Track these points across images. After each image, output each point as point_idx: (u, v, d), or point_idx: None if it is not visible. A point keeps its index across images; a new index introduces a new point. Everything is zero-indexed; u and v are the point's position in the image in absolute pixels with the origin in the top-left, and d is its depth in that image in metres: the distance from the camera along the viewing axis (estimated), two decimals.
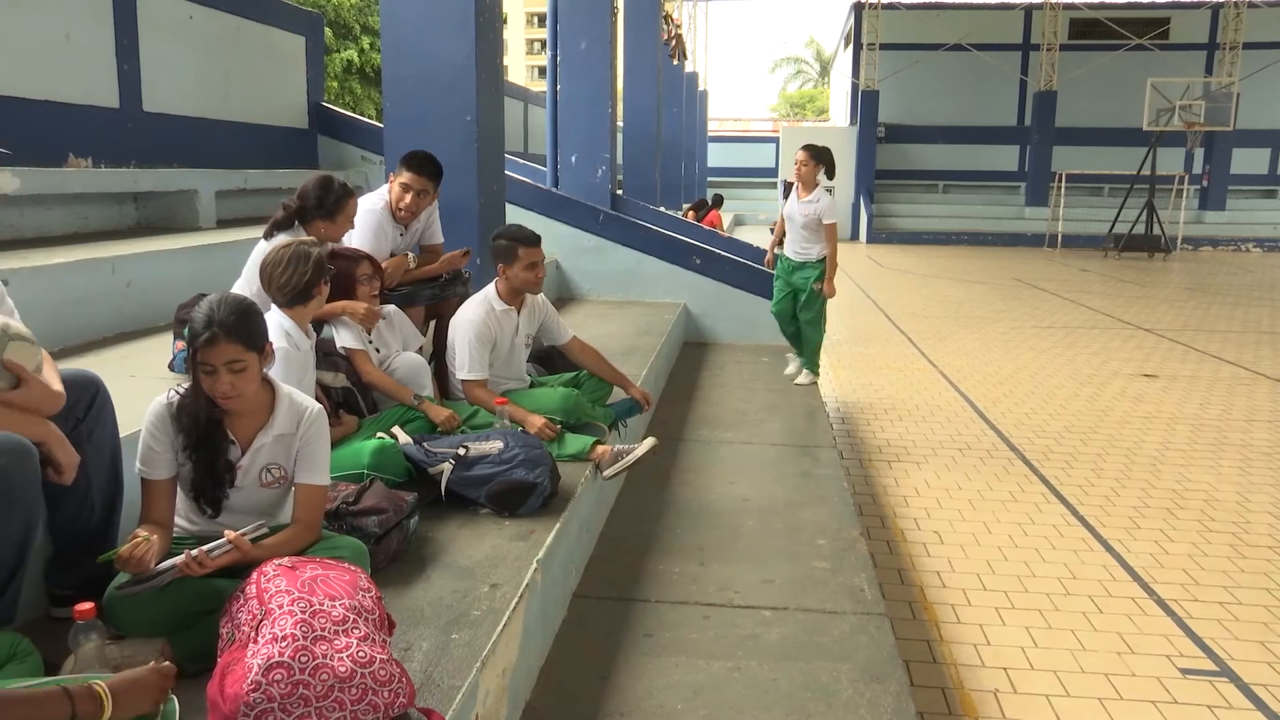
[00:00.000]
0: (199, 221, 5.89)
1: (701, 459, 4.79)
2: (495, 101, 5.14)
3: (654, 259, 7.92)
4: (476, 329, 3.77)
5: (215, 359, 2.18)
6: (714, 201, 15.34)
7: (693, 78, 22.96)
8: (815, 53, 55.72)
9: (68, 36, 5.43)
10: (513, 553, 2.80)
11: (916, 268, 18.70)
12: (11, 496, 1.94)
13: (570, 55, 9.74)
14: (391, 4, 4.82)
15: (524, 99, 15.53)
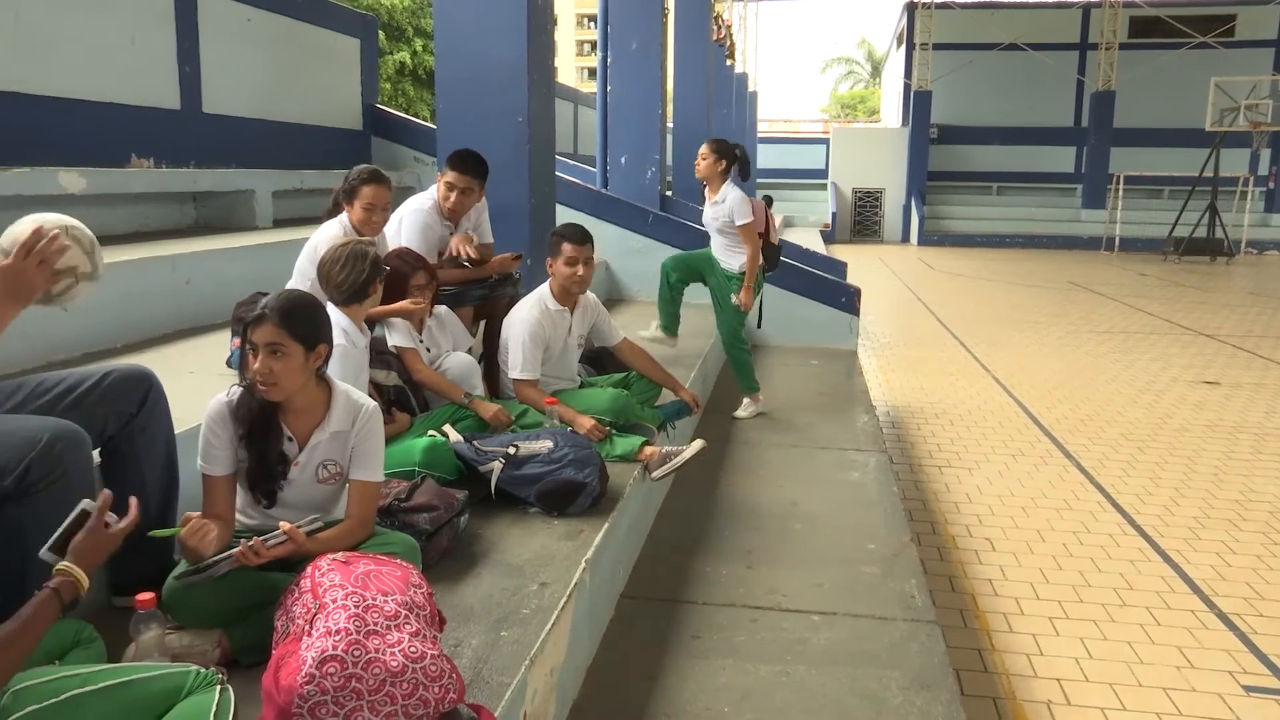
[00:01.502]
0: (256, 221, 6.00)
1: (750, 461, 4.76)
2: (546, 103, 5.16)
3: None
4: (530, 328, 3.79)
5: (258, 338, 2.23)
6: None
7: (742, 78, 22.87)
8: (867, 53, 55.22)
9: (132, 40, 5.57)
10: (561, 552, 2.81)
11: (969, 270, 18.45)
12: (67, 481, 2.00)
13: (621, 56, 9.75)
14: (445, 6, 4.87)
15: (574, 100, 15.59)
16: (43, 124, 4.93)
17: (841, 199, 27.24)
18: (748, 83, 24.01)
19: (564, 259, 3.83)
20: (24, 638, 1.52)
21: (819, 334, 7.67)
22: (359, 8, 19.68)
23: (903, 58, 27.80)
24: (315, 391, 2.38)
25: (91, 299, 2.26)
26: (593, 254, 3.90)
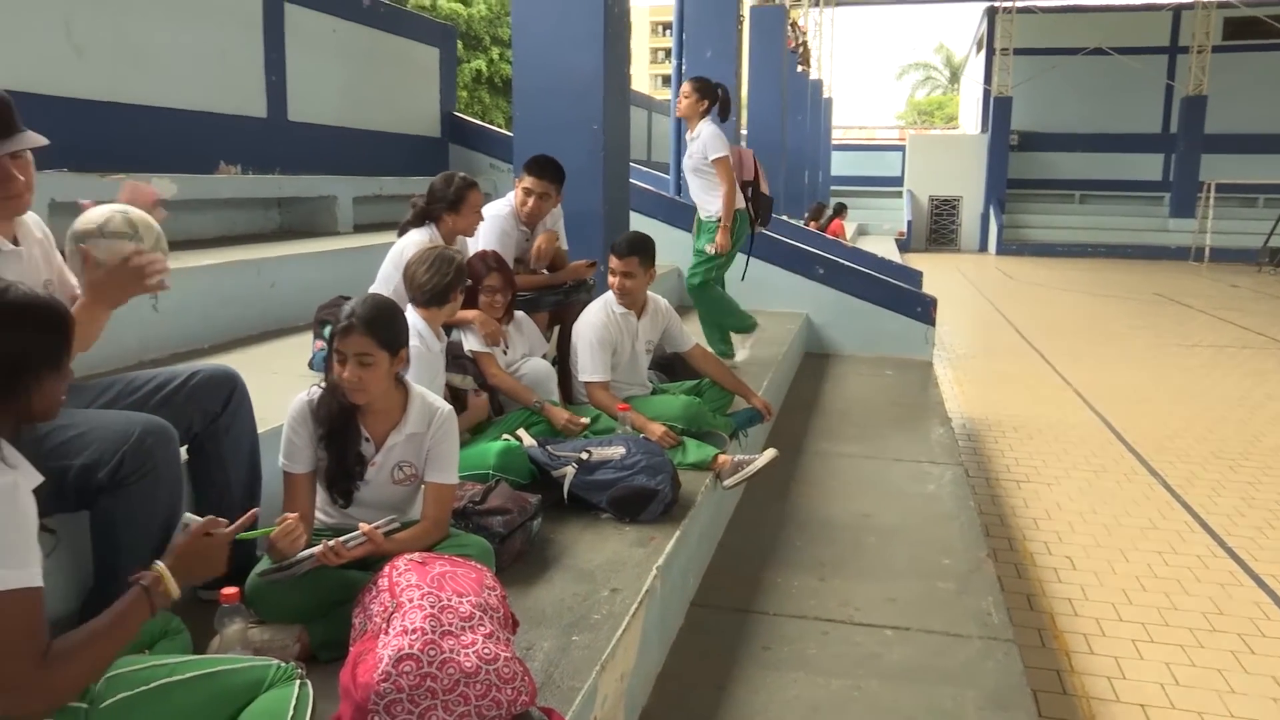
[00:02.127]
0: (337, 226, 6.14)
1: (822, 472, 4.71)
2: (621, 110, 5.19)
3: (776, 268, 7.84)
4: (597, 331, 3.82)
5: (347, 348, 2.28)
6: (836, 210, 15.13)
7: (817, 85, 22.68)
8: (945, 59, 54.35)
9: (222, 52, 5.75)
10: (633, 558, 2.81)
11: (1049, 280, 17.99)
12: (157, 475, 2.07)
13: (695, 64, 9.73)
14: (523, 16, 4.93)
15: (648, 107, 15.64)
16: (138, 132, 5.12)
17: (917, 207, 26.82)
18: (822, 89, 23.80)
19: (610, 271, 3.90)
20: (116, 631, 1.56)
21: (893, 344, 7.55)
22: (438, 17, 20.06)
23: (982, 63, 27.27)
24: (393, 394, 2.42)
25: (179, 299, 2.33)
26: (640, 266, 3.91)
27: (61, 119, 4.58)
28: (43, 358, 1.54)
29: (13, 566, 1.42)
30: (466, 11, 25.35)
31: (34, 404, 1.54)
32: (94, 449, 1.99)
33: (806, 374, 6.94)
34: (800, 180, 17.60)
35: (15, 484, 1.45)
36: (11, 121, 1.98)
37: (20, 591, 1.42)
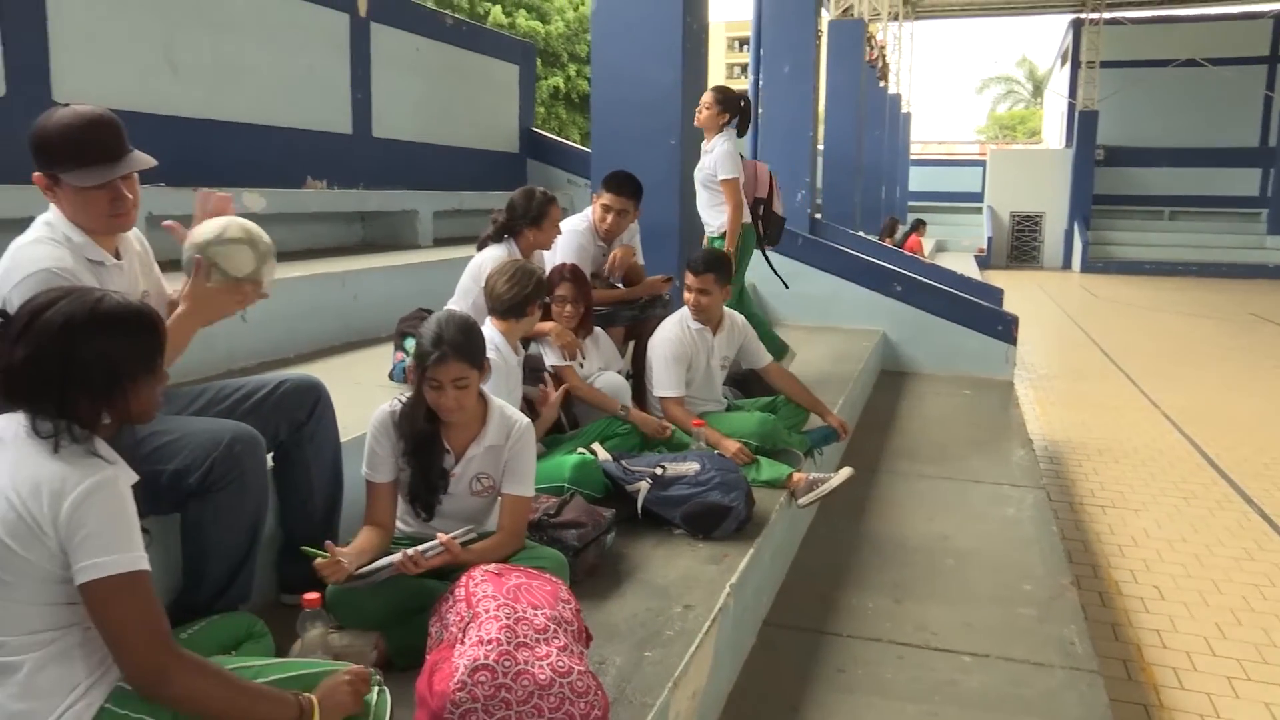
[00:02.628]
0: (418, 240, 6.26)
1: (898, 492, 4.63)
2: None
3: (853, 284, 7.76)
4: (672, 347, 3.82)
5: (443, 376, 2.31)
6: (914, 226, 14.91)
7: (895, 100, 22.43)
8: (1028, 72, 53.21)
9: (311, 70, 5.92)
10: (706, 575, 2.79)
11: (1136, 299, 17.44)
12: (244, 481, 2.13)
13: (773, 79, 9.73)
14: (602, 32, 4.98)
15: None
16: (232, 148, 5.30)
17: (998, 223, 26.25)
18: (901, 104, 23.52)
19: (686, 287, 3.90)
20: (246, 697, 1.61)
21: (973, 363, 7.40)
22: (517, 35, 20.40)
23: (1067, 76, 26.62)
24: (474, 407, 2.45)
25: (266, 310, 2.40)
26: (716, 283, 3.89)
27: (159, 135, 4.76)
28: (138, 363, 1.61)
29: (124, 550, 1.50)
30: (545, 29, 25.72)
31: (131, 407, 1.62)
32: (186, 455, 2.06)
33: (883, 392, 6.84)
34: (877, 195, 17.41)
35: (115, 477, 1.53)
36: (122, 143, 2.07)
37: (136, 574, 1.50)
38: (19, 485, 1.49)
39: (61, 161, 2.00)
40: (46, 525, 1.48)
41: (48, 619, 1.52)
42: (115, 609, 1.50)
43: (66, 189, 2.02)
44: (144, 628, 1.52)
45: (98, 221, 2.07)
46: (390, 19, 6.62)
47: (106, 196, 2.04)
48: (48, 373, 1.54)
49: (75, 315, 1.55)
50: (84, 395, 1.55)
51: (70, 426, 1.54)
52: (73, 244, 2.03)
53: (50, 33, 4.19)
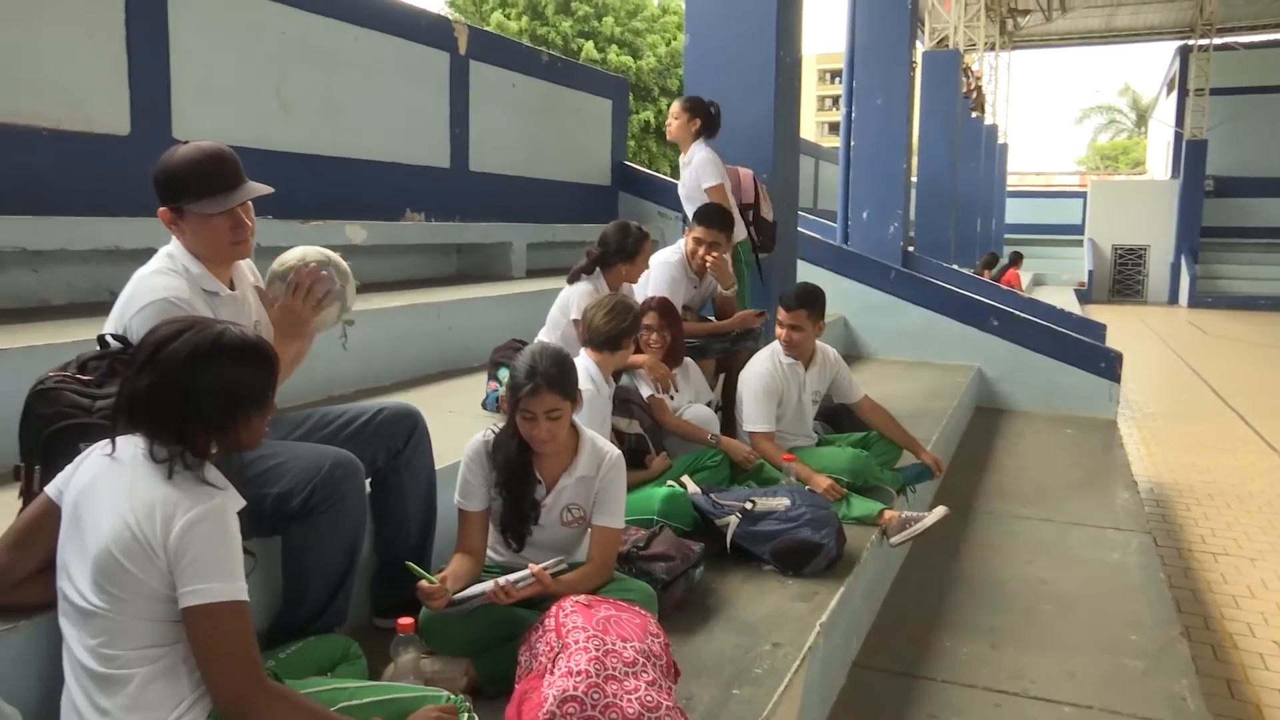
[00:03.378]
0: (511, 271, 6.38)
1: (994, 534, 4.49)
2: (791, 159, 5.19)
3: (947, 318, 7.60)
4: (763, 381, 3.80)
5: (537, 407, 2.34)
6: (1012, 260, 14.56)
7: (991, 130, 22.04)
8: (1131, 101, 51.66)
9: (412, 106, 6.12)
10: (795, 613, 2.75)
11: (1250, 335, 16.65)
12: (343, 506, 2.18)
13: (865, 111, 9.67)
14: (696, 66, 5.03)
15: (815, 155, 15.57)
16: (336, 182, 5.50)
17: (1099, 256, 25.43)
18: (997, 135, 23.10)
19: (778, 322, 3.88)
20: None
21: (1074, 401, 7.16)
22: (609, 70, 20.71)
23: (1173, 105, 25.75)
24: (566, 438, 2.47)
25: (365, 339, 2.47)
26: (809, 319, 3.86)
27: (269, 170, 4.89)
28: (253, 393, 1.68)
29: (228, 579, 1.55)
30: (636, 64, 26.07)
31: (242, 434, 1.69)
32: (289, 479, 2.12)
33: (978, 429, 6.67)
34: (972, 228, 17.10)
35: (224, 506, 1.59)
36: (240, 174, 2.18)
37: (235, 604, 1.56)
38: (135, 507, 1.56)
39: (186, 192, 2.11)
40: (158, 547, 1.54)
41: (157, 635, 1.59)
42: (211, 635, 1.55)
43: (190, 219, 2.13)
44: (236, 657, 1.57)
45: (219, 249, 2.17)
46: (488, 57, 6.80)
47: (227, 224, 2.15)
48: (169, 401, 1.61)
49: (199, 348, 1.63)
50: (200, 424, 1.63)
51: (184, 453, 1.61)
52: (190, 275, 2.13)
53: (172, 75, 4.43)
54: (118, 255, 4.09)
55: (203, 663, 1.57)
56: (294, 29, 5.11)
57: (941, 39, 14.23)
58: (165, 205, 2.15)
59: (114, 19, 4.13)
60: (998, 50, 22.84)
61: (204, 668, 1.57)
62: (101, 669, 1.56)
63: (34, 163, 3.84)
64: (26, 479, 1.93)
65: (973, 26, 17.30)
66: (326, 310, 2.32)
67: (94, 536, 1.58)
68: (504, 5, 26.34)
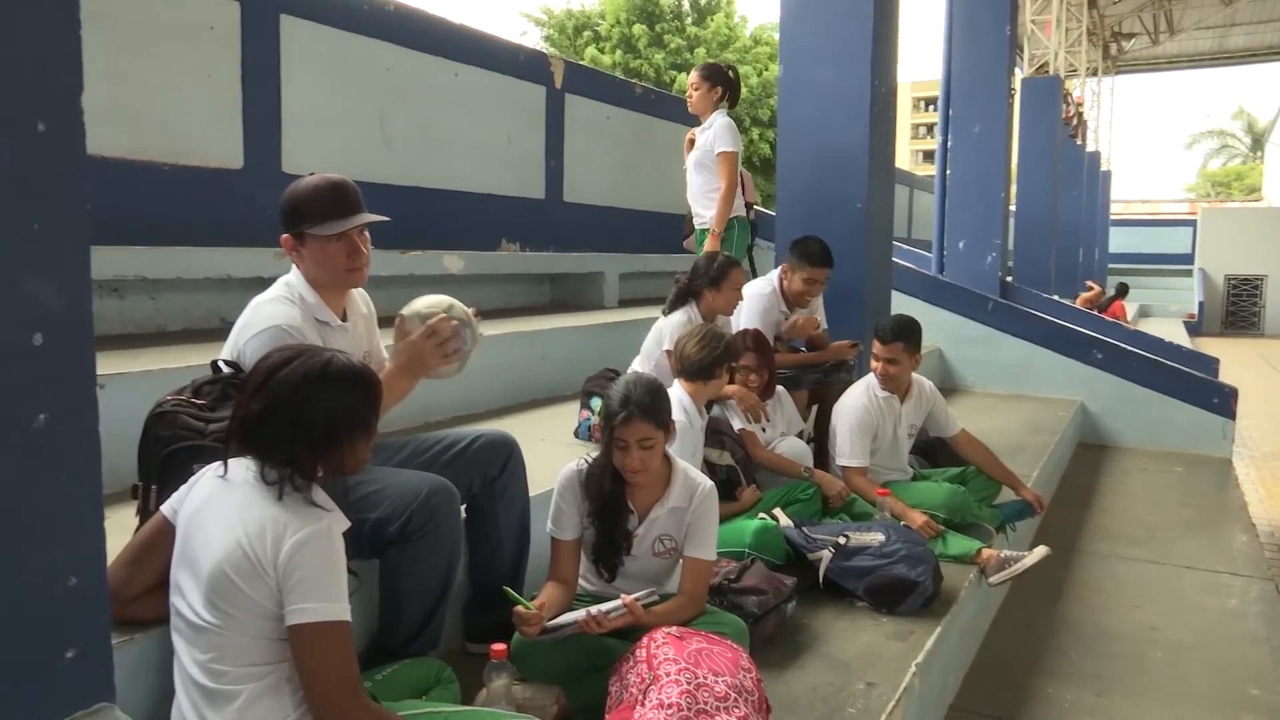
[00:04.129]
0: (603, 301, 6.44)
1: (1099, 575, 4.32)
2: (886, 189, 5.13)
3: (1047, 351, 7.38)
4: (858, 416, 3.74)
5: (629, 436, 2.35)
6: (1118, 291, 14.08)
7: (1094, 157, 21.41)
8: (1246, 124, 49.67)
9: (509, 139, 6.25)
10: (890, 652, 2.68)
11: None
12: (439, 533, 2.21)
13: (962, 139, 9.50)
14: (789, 96, 5.01)
15: (909, 184, 15.37)
16: (435, 213, 5.64)
17: (1210, 287, 24.36)
18: (1100, 162, 22.42)
19: (874, 355, 3.80)
20: None
21: (1184, 438, 6.87)
22: None
23: None
24: (659, 469, 2.47)
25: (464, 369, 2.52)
26: (905, 353, 3.77)
27: (371, 201, 5.10)
28: (357, 419, 1.73)
29: (333, 599, 1.60)
30: None
31: (346, 459, 1.74)
32: (387, 505, 2.17)
33: (1081, 466, 6.44)
34: (1074, 258, 16.60)
35: (331, 527, 1.64)
36: (360, 202, 2.29)
37: (338, 624, 1.60)
38: (247, 526, 1.62)
39: (308, 217, 2.22)
40: (268, 565, 1.59)
41: (264, 653, 1.63)
42: (315, 653, 1.60)
43: (310, 245, 2.23)
44: (337, 675, 1.61)
45: (335, 275, 2.27)
46: (583, 90, 6.92)
47: (344, 250, 2.25)
48: (279, 425, 1.67)
49: (308, 375, 1.69)
50: (307, 447, 1.68)
51: (293, 476, 1.66)
52: (305, 304, 2.22)
53: (283, 111, 4.63)
54: (229, 284, 4.28)
55: (305, 680, 1.61)
56: (398, 66, 5.29)
57: (1041, 65, 13.92)
58: (287, 232, 2.25)
59: (231, 60, 4.34)
60: (1100, 75, 22.21)
61: (306, 685, 1.61)
62: (211, 684, 1.61)
63: (154, 196, 4.04)
64: (143, 498, 2.02)
65: (1074, 52, 16.88)
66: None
67: (207, 554, 1.64)
68: (598, 39, 26.80)
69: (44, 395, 1.41)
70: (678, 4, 26.67)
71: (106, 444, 1.50)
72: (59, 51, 1.40)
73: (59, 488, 1.44)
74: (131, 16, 3.88)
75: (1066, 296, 13.25)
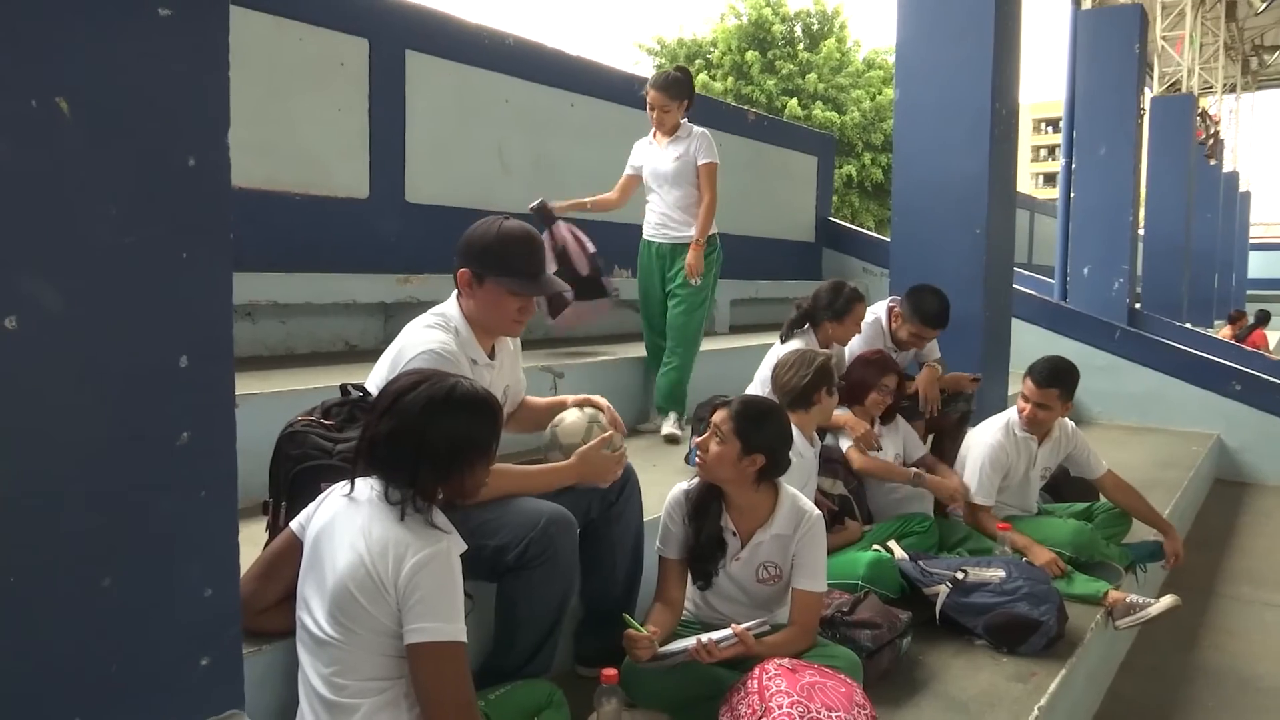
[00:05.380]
0: (715, 327, 6.43)
1: (1240, 622, 4.05)
2: (1006, 214, 4.99)
3: (1180, 382, 7.01)
4: (992, 453, 3.59)
5: (713, 418, 2.44)
6: (1259, 319, 13.30)
7: (1232, 178, 20.36)
8: None
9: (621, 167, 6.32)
10: (1010, 694, 2.58)
11: None
12: (556, 561, 2.23)
13: (1086, 162, 9.18)
14: (906, 120, 4.94)
15: (1030, 208, 14.91)
16: None
17: None
18: (1238, 182, 21.30)
19: (1023, 395, 3.64)
20: None
21: None
22: (814, 126, 20.72)
23: None
24: (757, 495, 2.45)
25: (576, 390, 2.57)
26: (1059, 400, 3.59)
27: None
28: (478, 444, 1.78)
29: (450, 620, 1.64)
30: (841, 119, 25.94)
31: (465, 484, 1.78)
32: (506, 532, 2.19)
33: (1218, 504, 6.07)
34: (1209, 284, 15.79)
35: (449, 549, 1.68)
36: (544, 264, 2.41)
37: (455, 644, 1.64)
38: (370, 545, 1.67)
39: (497, 266, 2.31)
40: (389, 584, 1.64)
41: (383, 668, 1.68)
42: (432, 673, 1.63)
43: (488, 289, 2.32)
44: (451, 694, 1.64)
45: (501, 324, 2.38)
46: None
47: (517, 304, 2.35)
48: (404, 446, 1.73)
49: (434, 398, 1.75)
50: (430, 469, 1.73)
51: (415, 497, 1.71)
52: (460, 338, 2.31)
53: (407, 143, 4.80)
54: (354, 309, 4.45)
55: (422, 698, 1.65)
56: (516, 97, 5.43)
57: (1173, 83, 13.35)
58: (469, 269, 2.32)
59: (360, 94, 4.53)
60: (1239, 92, 21.14)
61: (423, 703, 1.65)
62: (333, 696, 1.67)
63: (286, 224, 4.24)
64: (274, 514, 2.11)
65: (1209, 68, 16.14)
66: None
67: (331, 571, 1.70)
68: (709, 66, 26.95)
69: (187, 414, 1.48)
70: (790, 30, 26.58)
71: (239, 461, 1.57)
72: (210, 92, 1.49)
73: (198, 503, 1.51)
74: (269, 55, 4.11)
75: (1200, 325, 12.59)
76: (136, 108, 1.40)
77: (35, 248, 1.30)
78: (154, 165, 1.42)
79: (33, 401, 1.31)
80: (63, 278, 1.33)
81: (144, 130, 1.41)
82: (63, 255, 1.33)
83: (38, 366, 1.31)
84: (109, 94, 1.37)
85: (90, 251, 1.36)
